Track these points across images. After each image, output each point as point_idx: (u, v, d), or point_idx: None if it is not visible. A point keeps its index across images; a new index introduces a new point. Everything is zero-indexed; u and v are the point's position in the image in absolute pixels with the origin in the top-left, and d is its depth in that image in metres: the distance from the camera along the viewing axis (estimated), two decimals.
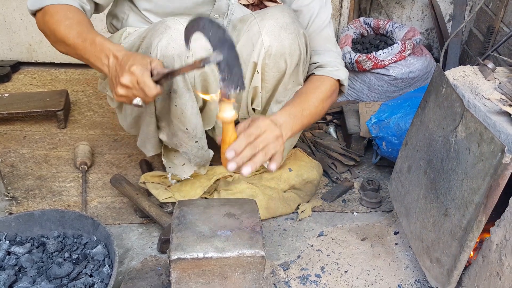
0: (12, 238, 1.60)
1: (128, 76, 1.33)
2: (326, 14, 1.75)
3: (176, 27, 1.51)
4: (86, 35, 1.45)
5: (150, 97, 1.36)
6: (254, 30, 1.60)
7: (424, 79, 2.56)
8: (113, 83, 1.40)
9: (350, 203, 2.01)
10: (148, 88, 1.34)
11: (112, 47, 1.42)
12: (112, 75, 1.40)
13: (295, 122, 1.53)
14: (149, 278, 1.59)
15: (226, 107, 1.28)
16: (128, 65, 1.34)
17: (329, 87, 1.70)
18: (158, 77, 1.35)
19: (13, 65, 2.92)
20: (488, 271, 1.33)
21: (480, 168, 1.28)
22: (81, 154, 2.13)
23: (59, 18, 1.49)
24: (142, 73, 1.33)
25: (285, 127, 1.47)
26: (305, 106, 1.59)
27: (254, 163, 1.30)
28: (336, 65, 1.73)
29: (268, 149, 1.33)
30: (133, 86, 1.35)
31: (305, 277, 1.64)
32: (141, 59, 1.36)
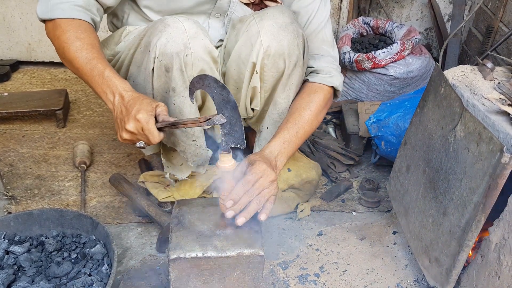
0: (11, 238, 1.60)
1: (134, 123, 1.36)
2: (324, 14, 1.75)
3: (175, 25, 1.51)
4: (96, 63, 1.45)
5: (153, 143, 1.40)
6: (253, 30, 1.60)
7: (423, 79, 2.56)
8: (118, 125, 1.43)
9: (349, 203, 2.01)
10: (152, 136, 1.37)
11: (119, 85, 1.42)
12: (118, 116, 1.42)
13: (290, 148, 1.60)
14: (148, 277, 1.59)
15: (225, 159, 1.39)
16: (134, 111, 1.36)
17: (323, 97, 1.73)
18: (163, 125, 1.39)
19: (12, 64, 2.92)
20: (486, 271, 1.33)
21: (479, 167, 1.28)
22: (80, 153, 2.13)
23: (70, 36, 1.48)
24: (147, 121, 1.35)
25: (280, 157, 1.56)
26: (299, 126, 1.64)
27: (248, 213, 1.38)
28: (330, 71, 1.74)
29: (262, 195, 1.40)
30: (138, 133, 1.38)
31: (304, 276, 1.64)
32: (147, 104, 1.38)
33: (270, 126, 1.79)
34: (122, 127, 1.40)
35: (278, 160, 1.55)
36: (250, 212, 1.38)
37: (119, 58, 1.73)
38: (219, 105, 1.35)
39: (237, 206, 1.37)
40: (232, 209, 1.37)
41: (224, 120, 1.34)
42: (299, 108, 1.69)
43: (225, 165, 1.38)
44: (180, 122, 1.40)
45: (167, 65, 1.52)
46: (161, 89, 1.58)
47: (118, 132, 1.44)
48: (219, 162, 1.38)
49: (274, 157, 1.54)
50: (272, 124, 1.78)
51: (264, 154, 1.53)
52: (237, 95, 1.73)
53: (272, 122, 1.78)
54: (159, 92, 1.59)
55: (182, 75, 1.55)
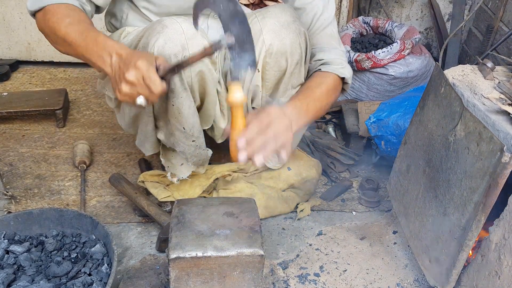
0: (11, 237, 1.59)
1: (134, 71, 1.29)
2: (330, 11, 1.75)
3: (173, 26, 1.51)
4: (88, 33, 1.43)
5: (155, 95, 1.32)
6: (255, 29, 1.60)
7: (423, 78, 2.56)
8: (116, 81, 1.35)
9: (349, 202, 2.01)
10: (153, 84, 1.29)
11: (115, 45, 1.39)
12: (115, 73, 1.36)
13: (301, 115, 1.51)
14: (148, 277, 1.59)
15: (235, 89, 1.24)
16: (133, 60, 1.30)
17: (333, 82, 1.68)
18: (165, 71, 1.31)
19: (12, 64, 2.91)
20: (487, 271, 1.33)
21: (479, 167, 1.28)
22: (80, 153, 2.13)
23: (60, 16, 1.47)
24: (147, 68, 1.28)
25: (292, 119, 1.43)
26: (310, 99, 1.57)
27: (266, 152, 1.27)
28: (341, 63, 1.71)
29: (278, 138, 1.30)
30: (138, 83, 1.30)
31: (304, 276, 1.64)
32: (147, 54, 1.35)
33: None
34: (121, 78, 1.32)
35: None
36: (268, 151, 1.27)
37: None
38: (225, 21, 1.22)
39: (251, 149, 1.26)
40: (246, 150, 1.26)
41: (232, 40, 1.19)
42: (309, 87, 1.64)
43: (235, 96, 1.23)
44: (184, 60, 1.32)
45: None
46: (168, 88, 1.57)
47: (116, 89, 1.36)
48: (229, 95, 1.24)
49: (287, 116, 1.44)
50: None
51: None
52: None
53: None
54: None
55: (180, 77, 1.54)
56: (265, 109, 1.35)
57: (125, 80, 1.30)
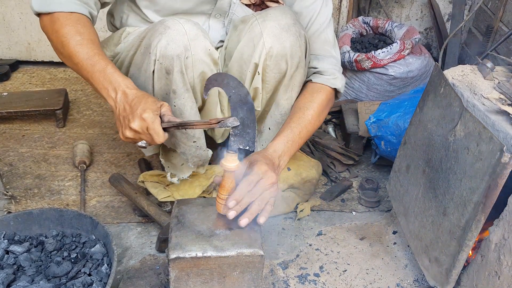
0: (11, 237, 1.59)
1: (139, 122, 1.35)
2: (326, 14, 1.75)
3: (176, 27, 1.51)
4: (97, 59, 1.43)
5: (156, 143, 1.39)
6: (256, 31, 1.60)
7: (423, 79, 2.56)
8: (121, 123, 1.41)
9: (349, 203, 2.01)
10: (157, 136, 1.36)
11: (122, 82, 1.41)
12: (120, 114, 1.40)
13: (293, 147, 1.60)
14: (148, 277, 1.59)
15: (231, 158, 1.34)
16: (139, 110, 1.35)
17: (325, 98, 1.73)
18: (169, 125, 1.37)
19: (12, 64, 2.91)
20: (486, 271, 1.33)
21: (478, 167, 1.28)
22: (80, 153, 2.13)
23: (69, 31, 1.46)
24: (153, 121, 1.34)
25: (283, 156, 1.56)
26: (302, 126, 1.64)
27: (251, 214, 1.37)
28: (334, 73, 1.75)
29: (264, 196, 1.39)
30: (142, 132, 1.36)
31: (304, 276, 1.64)
32: (152, 103, 1.37)
33: (272, 127, 1.79)
34: (126, 125, 1.38)
35: (282, 160, 1.55)
36: (253, 213, 1.38)
37: (118, 59, 1.72)
38: (234, 105, 1.32)
39: (239, 207, 1.36)
40: (234, 209, 1.36)
41: (237, 123, 1.32)
42: (302, 108, 1.68)
43: (230, 164, 1.34)
44: (188, 123, 1.38)
45: (167, 68, 1.52)
46: (162, 91, 1.58)
47: (120, 130, 1.42)
48: (224, 160, 1.35)
49: (278, 156, 1.54)
50: (275, 125, 1.79)
51: (268, 153, 1.52)
52: None
53: (275, 123, 1.78)
54: (159, 94, 1.59)
55: (183, 77, 1.54)
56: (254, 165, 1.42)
57: (129, 128, 1.37)
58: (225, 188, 1.38)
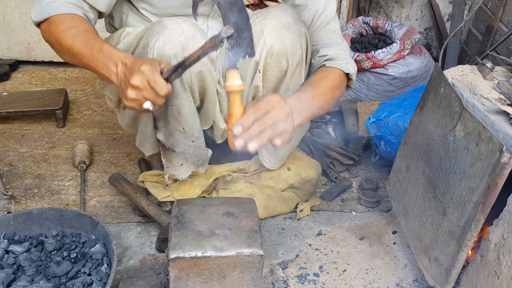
0: (11, 237, 1.60)
1: (138, 76, 1.29)
2: (332, 7, 1.73)
3: (173, 27, 1.51)
4: (93, 43, 1.43)
5: (161, 97, 1.32)
6: (256, 29, 1.60)
7: (422, 79, 2.56)
8: (122, 88, 1.36)
9: (348, 203, 2.01)
10: (159, 86, 1.29)
11: (120, 54, 1.40)
12: (121, 80, 1.37)
13: (305, 108, 1.45)
14: (148, 277, 1.59)
15: (233, 76, 1.23)
16: (137, 65, 1.31)
17: (338, 78, 1.63)
18: (168, 73, 1.31)
19: (12, 64, 2.91)
20: (486, 271, 1.33)
21: (478, 167, 1.28)
22: (79, 153, 2.13)
23: (65, 27, 1.47)
24: (152, 72, 1.29)
25: (295, 111, 1.38)
26: (315, 92, 1.52)
27: (261, 139, 1.24)
28: (346, 58, 1.67)
29: (276, 126, 1.27)
30: (144, 87, 1.30)
31: (304, 276, 1.65)
32: (150, 59, 1.36)
33: None
34: (127, 84, 1.33)
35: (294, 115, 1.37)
36: (263, 139, 1.24)
37: None
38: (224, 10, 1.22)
39: (247, 135, 1.23)
40: (241, 137, 1.23)
41: (231, 31, 1.19)
42: (314, 81, 1.59)
43: (233, 83, 1.22)
44: (186, 60, 1.31)
45: None
46: (173, 90, 1.57)
47: (122, 97, 1.37)
48: (226, 82, 1.22)
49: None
50: None
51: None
52: None
53: None
54: None
55: (180, 77, 1.54)
56: (265, 96, 1.32)
57: (130, 86, 1.31)
58: (233, 115, 1.24)
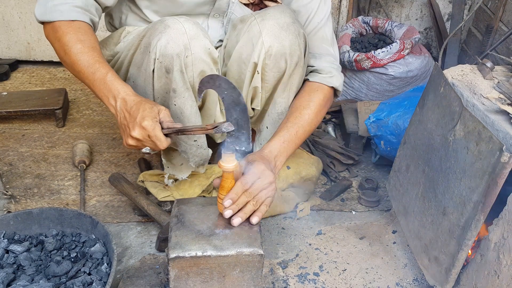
0: (11, 237, 1.60)
1: (140, 130, 1.37)
2: (324, 12, 1.75)
3: (175, 26, 1.51)
4: (98, 67, 1.45)
5: (160, 149, 1.41)
6: (255, 31, 1.60)
7: (422, 78, 2.56)
8: (123, 131, 1.43)
9: (348, 202, 2.01)
10: (160, 142, 1.38)
11: (121, 89, 1.43)
12: (122, 122, 1.43)
13: (290, 147, 1.61)
14: (148, 276, 1.59)
15: (228, 159, 1.35)
16: (138, 118, 1.37)
17: (323, 97, 1.73)
18: (169, 132, 1.39)
19: (11, 63, 2.91)
20: (486, 270, 1.33)
21: (478, 166, 1.28)
22: (79, 152, 2.13)
23: (71, 39, 1.48)
24: (153, 128, 1.36)
25: (279, 156, 1.56)
26: (299, 126, 1.64)
27: (244, 214, 1.38)
28: (330, 71, 1.75)
29: (260, 196, 1.40)
30: (144, 140, 1.39)
31: (304, 275, 1.65)
32: (150, 110, 1.38)
33: (270, 126, 1.79)
34: (128, 134, 1.41)
35: (278, 160, 1.56)
36: (246, 213, 1.39)
37: (118, 59, 1.73)
38: (228, 106, 1.34)
39: (235, 206, 1.37)
40: (230, 208, 1.37)
41: (232, 128, 1.34)
42: (299, 107, 1.69)
43: (227, 165, 1.36)
44: (187, 129, 1.41)
45: (167, 67, 1.52)
46: (162, 90, 1.58)
47: (123, 138, 1.45)
48: (222, 161, 1.37)
49: (274, 156, 1.55)
50: (272, 123, 1.78)
51: (264, 154, 1.53)
52: None
53: (272, 121, 1.78)
54: (159, 93, 1.59)
55: (183, 76, 1.55)
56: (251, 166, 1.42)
57: (131, 137, 1.40)
58: (225, 188, 1.38)
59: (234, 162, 1.36)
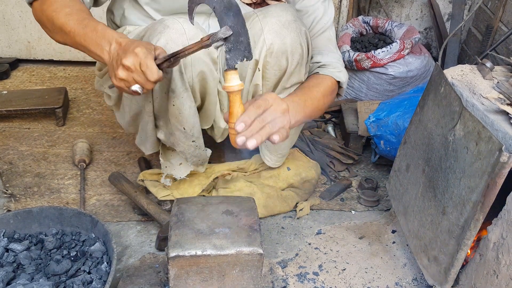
0: (11, 235, 1.60)
1: (131, 57, 1.28)
2: (330, 15, 1.76)
3: (175, 26, 1.51)
4: (88, 22, 1.41)
5: (151, 82, 1.31)
6: (256, 28, 1.60)
7: (422, 78, 2.56)
8: (114, 66, 1.34)
9: (348, 202, 2.02)
10: (150, 71, 1.28)
11: (115, 33, 1.38)
12: (113, 59, 1.34)
13: (298, 110, 1.50)
14: (147, 275, 1.60)
15: (232, 77, 1.25)
16: (132, 47, 1.29)
17: (330, 85, 1.70)
18: (161, 60, 1.31)
19: (11, 62, 2.91)
20: (485, 270, 1.33)
21: (477, 166, 1.28)
22: (79, 151, 2.13)
23: (58, 6, 1.45)
24: (145, 55, 1.28)
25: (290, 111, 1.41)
26: (307, 97, 1.57)
27: (260, 136, 1.27)
28: (338, 67, 1.73)
29: (275, 122, 1.30)
30: (135, 69, 1.29)
31: (303, 275, 1.65)
32: (146, 43, 1.33)
33: None
34: (118, 64, 1.31)
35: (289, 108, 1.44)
36: (263, 136, 1.27)
37: None
38: (220, 14, 1.23)
39: (249, 132, 1.25)
40: (244, 134, 1.25)
41: (230, 32, 1.21)
42: (307, 86, 1.65)
43: (232, 84, 1.24)
44: (181, 51, 1.31)
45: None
46: (160, 90, 1.58)
47: (112, 74, 1.35)
48: (226, 83, 1.25)
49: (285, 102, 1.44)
50: None
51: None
52: None
53: None
54: (158, 93, 1.59)
55: (181, 77, 1.54)
56: (263, 95, 1.35)
57: (122, 65, 1.29)
58: (234, 114, 1.27)
59: (239, 81, 1.26)
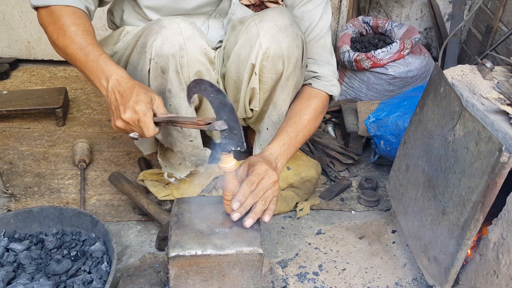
0: (11, 235, 1.60)
1: (131, 114, 1.36)
2: (326, 21, 1.77)
3: (171, 26, 1.51)
4: (91, 50, 1.44)
5: (146, 137, 1.40)
6: (253, 32, 1.60)
7: (422, 78, 2.56)
8: (113, 112, 1.41)
9: (348, 202, 2.02)
10: (147, 129, 1.37)
11: (115, 70, 1.41)
12: (112, 103, 1.40)
13: (289, 150, 1.62)
14: (147, 275, 1.60)
15: (227, 159, 1.36)
16: (132, 101, 1.35)
17: (321, 103, 1.75)
18: (159, 120, 1.39)
19: (12, 62, 2.91)
20: (485, 269, 1.33)
21: (477, 166, 1.28)
22: (79, 151, 2.13)
23: (65, 22, 1.47)
24: (145, 114, 1.35)
25: (280, 158, 1.57)
26: (298, 130, 1.66)
27: (255, 215, 1.38)
28: (332, 80, 1.77)
29: (266, 195, 1.41)
30: (133, 124, 1.38)
31: (303, 275, 1.65)
32: (144, 95, 1.37)
33: (270, 127, 1.80)
34: (118, 115, 1.39)
35: (278, 162, 1.57)
36: (258, 213, 1.39)
37: (116, 58, 1.73)
38: (216, 108, 1.34)
39: (243, 208, 1.37)
40: (238, 211, 1.37)
41: (225, 127, 1.34)
42: (298, 112, 1.70)
43: (227, 165, 1.37)
44: (178, 120, 1.40)
45: (163, 67, 1.53)
46: (158, 90, 1.58)
47: (112, 119, 1.43)
48: (221, 162, 1.38)
49: (274, 158, 1.55)
50: (272, 125, 1.79)
51: (265, 155, 1.54)
52: (237, 95, 1.73)
53: (272, 123, 1.79)
54: None
55: (178, 77, 1.55)
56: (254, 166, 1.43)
57: (121, 119, 1.38)
58: (228, 189, 1.39)
59: (233, 162, 1.37)
